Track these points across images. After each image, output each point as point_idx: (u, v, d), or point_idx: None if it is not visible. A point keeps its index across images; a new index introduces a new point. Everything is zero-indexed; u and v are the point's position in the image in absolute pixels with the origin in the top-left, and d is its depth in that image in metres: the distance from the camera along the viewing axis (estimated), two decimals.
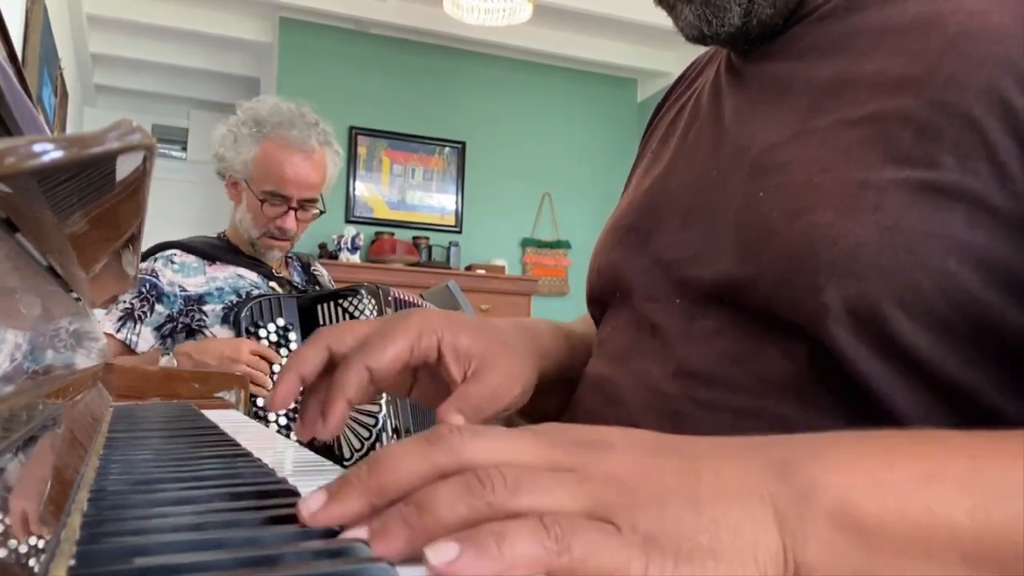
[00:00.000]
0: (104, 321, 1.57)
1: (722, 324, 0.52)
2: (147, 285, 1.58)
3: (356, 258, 4.41)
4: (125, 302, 1.58)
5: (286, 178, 1.63)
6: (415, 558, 0.29)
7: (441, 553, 0.27)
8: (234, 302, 1.60)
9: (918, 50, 0.47)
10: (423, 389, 0.58)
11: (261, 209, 1.65)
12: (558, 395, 0.66)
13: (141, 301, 1.58)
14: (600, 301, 0.67)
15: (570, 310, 4.89)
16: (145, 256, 1.65)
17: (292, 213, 1.66)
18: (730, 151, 0.57)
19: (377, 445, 1.50)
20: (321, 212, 1.72)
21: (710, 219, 0.55)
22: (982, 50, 0.44)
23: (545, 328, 0.69)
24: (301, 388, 0.51)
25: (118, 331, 1.56)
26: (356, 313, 1.57)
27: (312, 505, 0.31)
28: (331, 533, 0.31)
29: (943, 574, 0.30)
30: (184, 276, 1.61)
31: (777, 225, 0.48)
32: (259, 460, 0.52)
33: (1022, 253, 0.41)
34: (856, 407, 0.44)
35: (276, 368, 1.50)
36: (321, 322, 1.56)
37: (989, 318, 0.42)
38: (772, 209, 0.49)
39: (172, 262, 1.62)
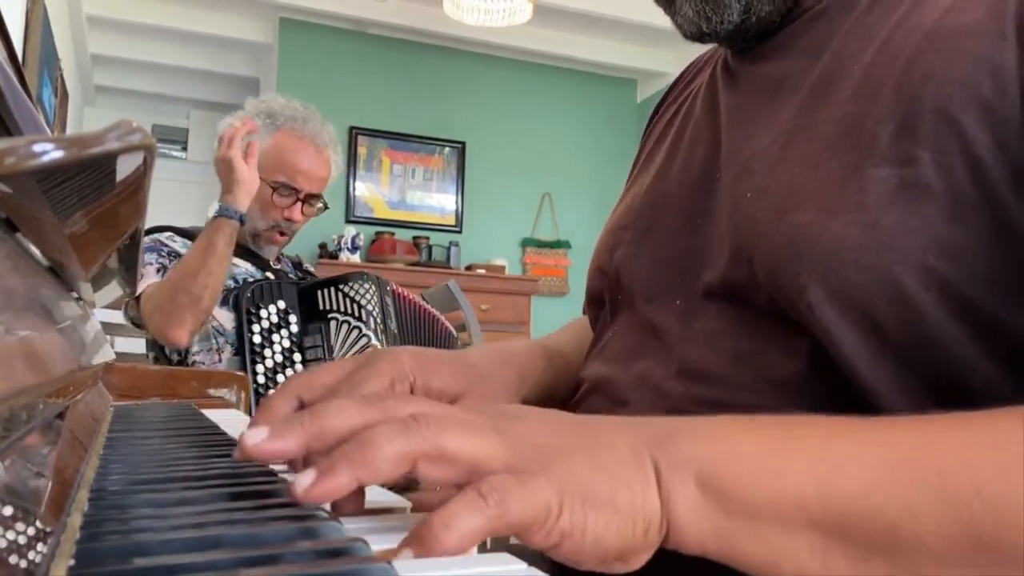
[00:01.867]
0: (145, 277, 1.54)
1: (723, 324, 0.52)
2: (164, 250, 1.58)
3: (356, 258, 4.41)
4: (151, 263, 1.57)
5: (298, 169, 1.65)
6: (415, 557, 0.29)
7: (402, 556, 0.29)
8: (232, 287, 1.60)
9: (899, 48, 0.48)
10: None
11: (271, 199, 1.65)
12: (557, 407, 0.67)
13: (163, 257, 1.57)
14: (600, 302, 0.67)
15: (570, 310, 4.89)
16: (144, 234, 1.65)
17: (299, 205, 1.67)
18: (725, 152, 0.57)
19: None
20: (325, 207, 1.73)
21: (708, 220, 0.56)
22: (957, 46, 0.45)
23: (524, 354, 0.68)
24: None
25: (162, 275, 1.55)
26: (357, 297, 1.57)
27: (255, 436, 0.34)
28: (332, 533, 0.31)
29: (795, 538, 0.33)
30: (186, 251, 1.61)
31: (763, 226, 0.49)
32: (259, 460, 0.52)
33: (1001, 246, 0.42)
34: (856, 405, 0.45)
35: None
36: (321, 306, 1.57)
37: (972, 311, 0.42)
38: (759, 210, 0.50)
39: (174, 240, 1.63)
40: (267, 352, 1.53)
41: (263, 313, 1.54)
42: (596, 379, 0.61)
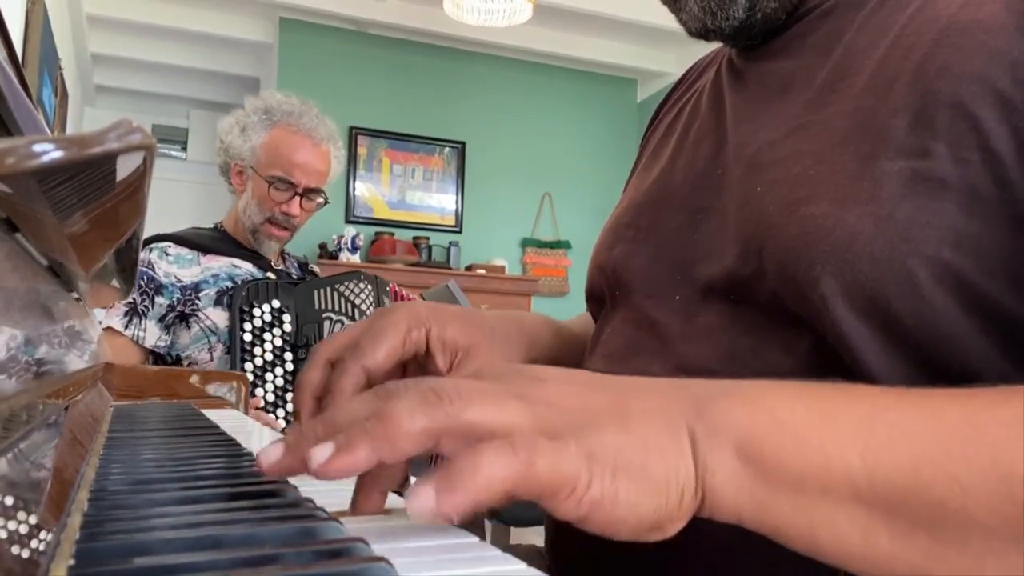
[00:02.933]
0: (109, 316, 1.57)
1: (722, 321, 0.52)
2: (144, 279, 1.58)
3: (356, 258, 4.41)
4: (127, 298, 1.58)
5: (295, 163, 1.65)
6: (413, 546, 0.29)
7: (423, 496, 0.28)
8: (229, 287, 1.60)
9: (912, 43, 0.48)
10: None
11: (268, 194, 1.65)
12: None
13: (142, 295, 1.58)
14: (600, 299, 0.67)
15: (570, 310, 4.89)
16: None
17: (297, 200, 1.66)
18: (731, 150, 0.57)
19: None
20: (325, 202, 1.73)
21: (712, 218, 0.55)
22: (973, 40, 0.45)
23: (534, 320, 0.70)
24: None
25: (125, 328, 1.56)
26: (352, 297, 1.58)
27: (272, 456, 0.33)
28: (332, 533, 0.31)
29: (837, 511, 0.32)
30: (179, 267, 1.61)
31: (775, 218, 0.49)
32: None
33: (1016, 240, 0.42)
34: None
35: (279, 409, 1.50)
36: (317, 306, 1.57)
37: (986, 305, 0.42)
38: (770, 203, 0.50)
39: (167, 254, 1.62)
40: (256, 351, 1.53)
41: (256, 312, 1.55)
42: None
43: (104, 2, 4.55)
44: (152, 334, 1.57)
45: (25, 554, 0.25)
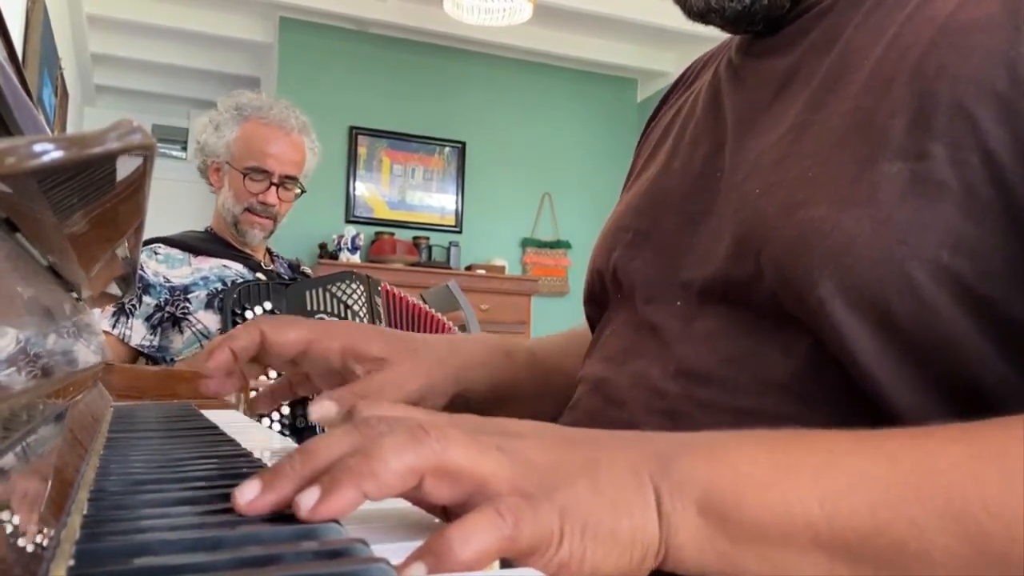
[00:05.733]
0: (100, 319, 1.58)
1: (722, 324, 0.52)
2: None
3: (356, 258, 4.41)
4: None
5: (267, 153, 1.69)
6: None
7: (414, 570, 0.28)
8: (219, 290, 1.61)
9: (910, 42, 0.47)
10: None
11: (244, 185, 1.69)
12: (523, 405, 0.71)
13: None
14: (599, 302, 0.67)
15: (570, 310, 4.89)
16: None
17: (274, 189, 1.70)
18: (730, 150, 0.57)
19: None
20: (303, 191, 1.76)
21: (710, 219, 0.55)
22: (971, 40, 0.44)
23: (477, 342, 0.71)
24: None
25: (113, 327, 1.57)
26: (344, 298, 1.57)
27: (248, 494, 0.32)
28: (332, 533, 0.31)
29: (801, 559, 0.33)
30: (169, 267, 1.62)
31: (774, 221, 0.48)
32: (259, 460, 0.52)
33: (1016, 242, 0.41)
34: (856, 404, 0.44)
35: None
36: (309, 307, 1.56)
37: (985, 307, 0.42)
38: (768, 205, 0.49)
39: (156, 253, 1.64)
40: None
41: (248, 315, 1.54)
42: (593, 379, 0.60)
43: (104, 2, 4.55)
44: (138, 333, 1.58)
45: (25, 554, 0.25)
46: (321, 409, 0.54)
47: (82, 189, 0.33)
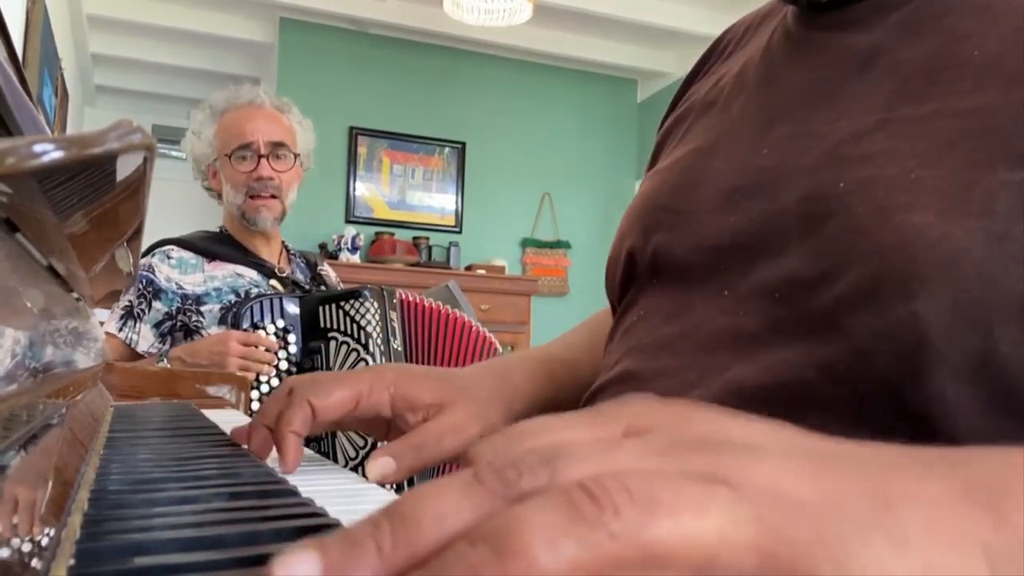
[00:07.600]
0: (108, 321, 1.58)
1: (767, 322, 0.47)
2: (143, 282, 1.58)
3: (356, 258, 4.41)
4: (125, 301, 1.58)
5: (244, 129, 1.70)
6: None
7: None
8: (232, 302, 1.59)
9: None
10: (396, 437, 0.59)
11: (234, 168, 1.68)
12: None
13: (139, 298, 1.58)
14: (625, 286, 0.61)
15: (570, 310, 4.89)
16: (143, 253, 1.65)
17: (264, 161, 1.69)
18: (789, 129, 0.51)
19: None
20: (296, 157, 1.74)
21: (762, 204, 0.50)
22: None
23: (519, 370, 0.67)
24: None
25: (120, 330, 1.56)
26: (358, 317, 1.53)
27: (297, 568, 0.20)
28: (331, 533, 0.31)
29: None
30: (182, 273, 1.61)
31: (865, 222, 0.43)
32: (259, 460, 0.52)
33: None
34: (908, 429, 0.40)
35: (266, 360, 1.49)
36: (322, 325, 1.54)
37: None
38: (858, 204, 0.43)
39: (169, 257, 1.62)
40: (263, 377, 1.51)
41: (260, 333, 1.52)
42: (619, 371, 0.56)
43: (104, 2, 4.55)
44: (146, 339, 1.57)
45: (26, 553, 0.25)
46: (379, 467, 0.50)
47: (82, 189, 0.33)
